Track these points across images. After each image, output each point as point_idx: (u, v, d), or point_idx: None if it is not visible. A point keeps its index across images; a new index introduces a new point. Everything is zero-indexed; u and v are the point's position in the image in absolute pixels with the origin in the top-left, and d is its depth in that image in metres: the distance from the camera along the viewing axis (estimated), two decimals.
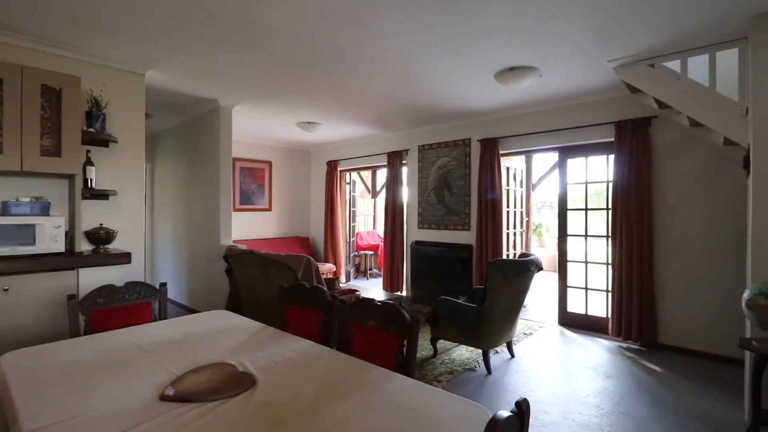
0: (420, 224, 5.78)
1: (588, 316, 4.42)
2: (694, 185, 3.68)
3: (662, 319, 3.81)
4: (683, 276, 3.71)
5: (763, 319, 2.14)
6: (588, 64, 3.39)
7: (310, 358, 1.63)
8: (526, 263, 3.16)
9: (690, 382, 3.09)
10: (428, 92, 4.15)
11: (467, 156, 5.25)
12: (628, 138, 3.92)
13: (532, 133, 4.71)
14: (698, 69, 3.12)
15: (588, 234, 4.49)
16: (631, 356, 3.66)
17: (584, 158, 4.51)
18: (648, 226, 3.82)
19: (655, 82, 3.22)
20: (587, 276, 4.48)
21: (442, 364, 3.40)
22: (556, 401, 2.80)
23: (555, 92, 4.15)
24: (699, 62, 3.11)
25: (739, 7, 2.48)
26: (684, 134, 3.70)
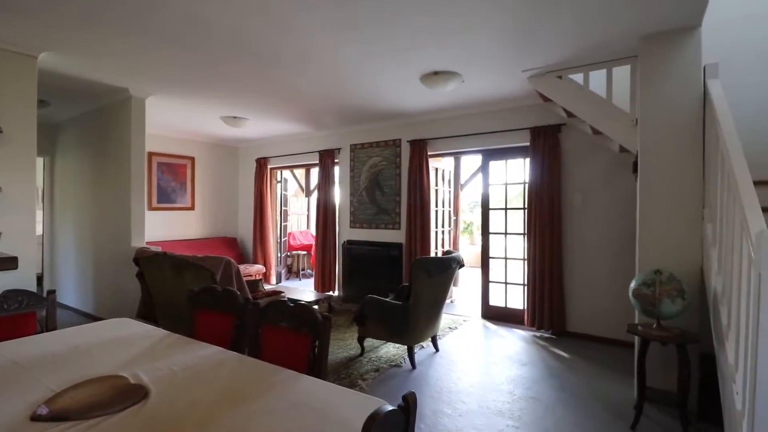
0: (352, 223, 5.77)
1: (507, 308, 4.70)
2: (597, 188, 4.07)
3: (570, 310, 4.17)
4: (587, 270, 4.09)
5: (646, 306, 2.41)
6: (505, 73, 3.60)
7: (214, 364, 1.54)
8: (448, 260, 3.28)
9: (592, 366, 3.41)
10: (357, 91, 4.15)
11: (398, 156, 5.34)
12: (541, 143, 4.24)
13: (458, 135, 4.91)
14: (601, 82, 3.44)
15: (508, 232, 4.78)
16: (543, 344, 3.96)
17: (504, 161, 4.80)
18: (558, 225, 4.15)
19: (562, 92, 3.51)
20: (507, 271, 4.77)
21: (368, 362, 3.41)
22: (474, 390, 2.94)
23: (478, 98, 4.36)
24: (600, 76, 3.44)
25: (629, 28, 2.78)
26: (588, 141, 4.07)
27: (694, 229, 2.68)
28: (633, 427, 2.43)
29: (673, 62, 2.78)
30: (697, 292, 2.62)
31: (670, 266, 2.66)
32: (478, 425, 2.47)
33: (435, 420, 2.52)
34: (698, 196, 2.69)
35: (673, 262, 2.70)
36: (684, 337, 2.34)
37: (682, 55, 2.76)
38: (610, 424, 2.49)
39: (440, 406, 2.71)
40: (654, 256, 2.78)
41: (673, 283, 2.35)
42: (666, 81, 2.80)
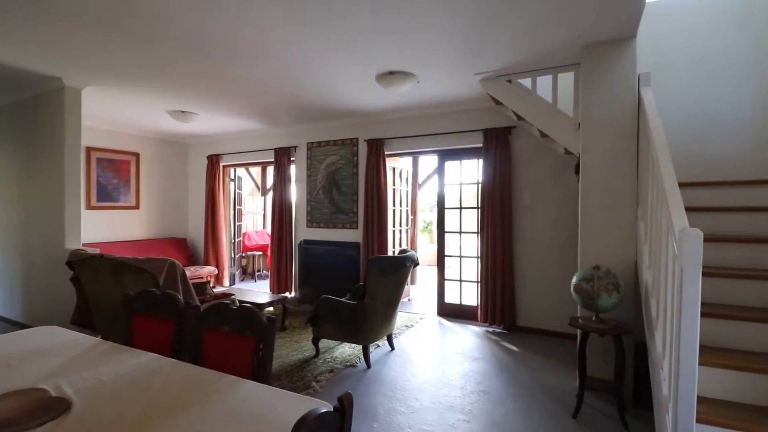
0: (309, 223, 5.68)
1: (462, 305, 4.82)
2: (544, 188, 4.26)
3: (520, 305, 4.34)
4: (536, 266, 4.27)
5: (586, 300, 2.55)
6: (459, 75, 3.68)
7: (148, 372, 1.44)
8: (402, 259, 3.30)
9: (540, 358, 3.56)
10: (313, 89, 4.08)
11: (355, 155, 5.31)
12: (493, 144, 4.37)
13: (415, 135, 4.96)
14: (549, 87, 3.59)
15: (462, 231, 4.89)
16: (495, 339, 4.09)
17: (459, 161, 4.91)
18: (508, 224, 4.30)
19: (511, 96, 3.64)
20: (461, 269, 4.88)
21: (323, 363, 3.37)
22: (427, 387, 2.97)
23: (433, 99, 4.42)
24: (547, 81, 3.59)
25: (572, 37, 2.92)
26: (536, 143, 4.25)
27: (628, 227, 2.87)
28: (575, 416, 2.56)
29: (611, 70, 2.95)
30: (632, 286, 2.80)
31: (608, 262, 2.83)
32: (430, 421, 2.50)
33: (388, 418, 2.53)
34: (633, 196, 2.88)
35: (610, 258, 2.87)
36: (619, 328, 2.49)
37: (619, 64, 2.94)
38: (554, 413, 2.61)
39: (394, 404, 2.72)
40: (593, 252, 2.95)
41: (609, 278, 2.50)
42: (605, 88, 2.97)
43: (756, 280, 2.29)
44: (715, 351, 2.09)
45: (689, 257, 1.55)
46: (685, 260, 1.57)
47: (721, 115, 3.55)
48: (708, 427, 1.81)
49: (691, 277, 1.56)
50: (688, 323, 1.57)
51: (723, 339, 2.15)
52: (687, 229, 1.61)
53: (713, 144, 3.56)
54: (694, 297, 1.56)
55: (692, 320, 1.57)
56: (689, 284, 1.56)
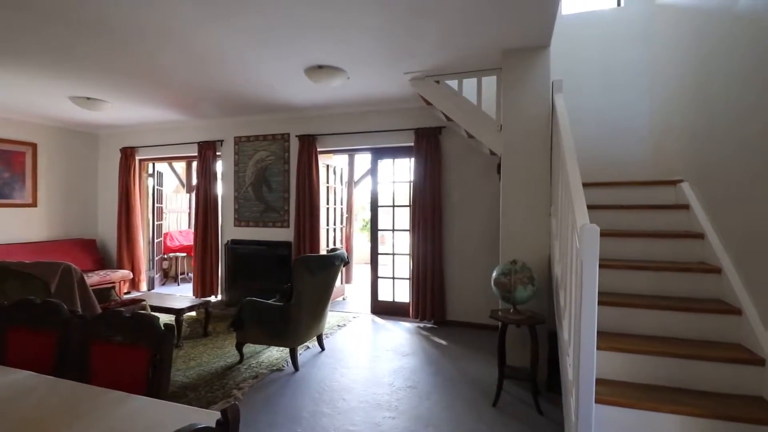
0: (237, 222, 5.39)
1: (395, 302, 4.86)
2: (472, 187, 4.42)
3: (449, 300, 4.47)
4: (464, 262, 4.42)
5: (504, 293, 2.67)
6: (389, 74, 3.68)
7: (19, 392, 1.25)
8: (331, 258, 3.23)
9: (466, 350, 3.68)
10: (238, 80, 3.87)
11: (286, 151, 5.14)
12: (424, 144, 4.45)
13: (349, 133, 4.91)
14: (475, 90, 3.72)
15: (395, 229, 4.94)
16: (426, 334, 4.17)
17: (392, 160, 4.95)
18: (438, 222, 4.41)
19: (439, 96, 3.72)
20: (394, 267, 4.92)
21: (247, 369, 3.20)
22: (356, 386, 2.94)
23: (366, 96, 4.40)
24: (474, 84, 3.72)
25: (492, 42, 3.04)
26: (464, 144, 4.40)
27: (543, 223, 3.06)
28: (494, 404, 2.68)
29: (528, 76, 3.13)
30: (546, 279, 3.00)
31: (525, 256, 3.00)
32: (356, 421, 2.47)
33: (313, 422, 2.46)
34: (547, 195, 3.07)
35: (527, 252, 3.04)
36: (534, 319, 2.64)
37: (535, 71, 3.12)
38: (475, 403, 2.71)
39: (320, 406, 2.65)
40: (513, 247, 3.10)
41: (525, 271, 2.64)
42: (522, 93, 3.14)
43: (649, 270, 2.55)
44: (613, 336, 2.29)
45: (587, 250, 1.66)
46: (584, 253, 1.68)
47: (625, 121, 3.93)
48: (606, 407, 1.97)
49: (589, 268, 1.67)
50: (587, 311, 1.69)
51: (621, 325, 2.36)
52: (586, 224, 1.72)
53: (619, 148, 3.93)
54: (592, 287, 1.68)
55: (591, 308, 1.68)
56: (588, 275, 1.67)
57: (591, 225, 1.71)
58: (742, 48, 2.30)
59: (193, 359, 3.39)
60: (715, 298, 2.41)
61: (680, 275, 2.49)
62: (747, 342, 2.11)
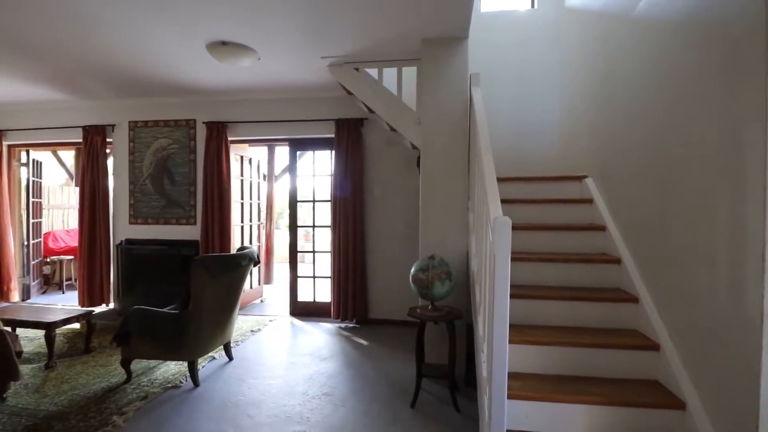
0: (133, 219, 4.74)
1: (316, 303, 4.61)
2: (394, 181, 4.32)
3: (372, 298, 4.33)
4: (386, 259, 4.31)
5: (422, 290, 2.57)
6: (304, 57, 3.42)
7: None
8: (236, 257, 2.90)
9: (387, 349, 3.56)
10: (123, 52, 3.33)
11: (192, 139, 4.62)
12: (345, 136, 4.25)
13: (264, 121, 4.54)
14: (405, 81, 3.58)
15: (316, 225, 4.68)
16: (347, 335, 3.99)
17: (312, 152, 4.68)
18: (360, 217, 4.25)
19: (359, 85, 3.54)
20: (315, 265, 4.67)
21: (136, 389, 2.76)
22: (265, 398, 2.66)
23: (283, 82, 4.08)
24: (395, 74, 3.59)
25: (412, 30, 2.93)
26: (387, 137, 4.28)
27: (462, 218, 3.03)
28: (413, 404, 2.57)
29: (447, 68, 3.07)
30: (464, 273, 2.97)
31: (444, 251, 2.94)
32: None
33: None
34: (466, 189, 3.04)
35: (446, 247, 2.99)
36: (451, 315, 2.58)
37: (453, 63, 3.06)
38: (394, 404, 2.58)
39: (221, 425, 2.34)
40: (432, 242, 3.03)
41: (443, 266, 2.56)
42: (441, 85, 3.07)
43: (557, 262, 2.61)
44: (526, 329, 2.29)
45: (500, 243, 1.59)
46: (497, 246, 1.60)
47: (537, 118, 4.08)
48: (519, 402, 1.94)
49: (501, 261, 1.60)
50: (500, 306, 1.62)
51: (532, 317, 2.38)
52: (499, 217, 1.65)
53: (532, 144, 4.07)
54: (504, 280, 1.61)
55: (503, 303, 1.62)
56: (500, 268, 1.60)
57: (503, 217, 1.65)
58: (640, 51, 2.43)
59: (66, 381, 2.85)
60: (615, 287, 2.53)
61: (585, 266, 2.58)
62: (643, 328, 2.22)
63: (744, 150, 1.57)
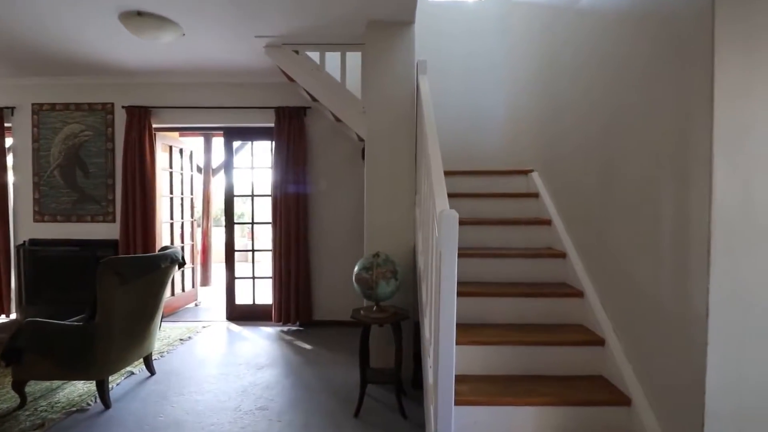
0: (38, 216, 4.12)
1: (256, 305, 4.28)
2: (340, 175, 4.09)
3: (317, 298, 4.09)
4: (332, 256, 4.08)
5: (366, 290, 2.39)
6: (236, 35, 3.10)
7: None
8: (152, 259, 2.54)
9: (332, 353, 3.34)
10: (19, 22, 2.82)
11: (109, 126, 4.09)
12: (286, 125, 3.95)
13: (195, 107, 4.12)
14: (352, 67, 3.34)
15: (255, 221, 4.34)
16: (289, 339, 3.72)
17: (250, 142, 4.33)
18: (304, 212, 3.98)
19: (299, 69, 3.28)
20: (254, 264, 4.34)
21: (31, 415, 2.33)
22: (188, 418, 2.35)
23: (215, 63, 3.71)
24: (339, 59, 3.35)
25: (355, 11, 2.72)
26: (331, 127, 4.04)
27: (408, 213, 2.87)
28: (357, 413, 2.38)
29: (392, 53, 2.89)
30: (411, 271, 2.82)
31: (390, 248, 2.77)
32: None
33: None
34: (413, 183, 2.89)
35: (392, 244, 2.82)
36: (398, 316, 2.42)
37: (399, 48, 2.90)
38: (336, 415, 2.38)
39: None
40: (377, 239, 2.86)
41: (388, 264, 2.39)
42: (386, 71, 2.89)
43: (505, 258, 2.53)
44: (474, 328, 2.18)
45: (446, 238, 1.45)
46: (443, 241, 1.46)
47: (486, 112, 4.03)
48: (467, 407, 1.82)
49: (448, 257, 1.46)
50: (446, 307, 1.48)
51: (480, 315, 2.27)
52: (445, 210, 1.51)
53: (481, 137, 4.01)
54: (451, 279, 1.47)
55: (449, 303, 1.48)
56: (447, 265, 1.46)
57: (450, 210, 1.50)
58: (585, 42, 2.39)
59: None
60: (562, 281, 2.50)
61: (532, 261, 2.52)
62: (589, 323, 2.19)
63: (689, 139, 1.54)
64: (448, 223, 1.47)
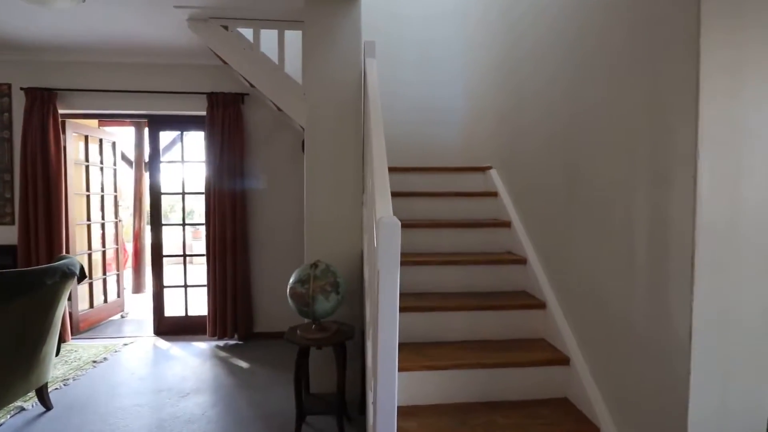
0: None
1: (189, 317, 3.80)
2: (284, 170, 3.68)
3: (258, 308, 3.67)
4: (276, 261, 3.66)
5: (302, 307, 2.04)
6: (151, 5, 2.61)
7: None
8: (35, 275, 2.04)
9: (273, 372, 2.96)
10: None
11: (5, 111, 3.45)
12: (220, 114, 3.49)
13: (111, 90, 3.56)
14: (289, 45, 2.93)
15: (186, 223, 3.85)
16: (225, 356, 3.30)
17: (180, 132, 3.83)
18: (242, 212, 3.55)
19: (228, 47, 2.85)
20: (186, 271, 3.85)
21: None
22: None
23: (136, 41, 3.20)
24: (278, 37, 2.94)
25: None
26: (273, 116, 3.62)
27: (355, 212, 2.54)
28: None
29: (337, 33, 2.54)
30: (358, 279, 2.50)
31: (334, 253, 2.44)
32: None
33: None
34: (360, 179, 2.56)
35: (337, 248, 2.48)
36: (340, 335, 2.09)
37: (344, 27, 2.54)
38: None
39: None
40: (319, 242, 2.51)
41: (327, 276, 2.05)
42: (330, 53, 2.54)
43: (460, 264, 2.26)
44: (425, 348, 1.89)
45: (385, 251, 1.15)
46: (382, 255, 1.16)
47: (443, 103, 3.75)
48: None
49: (387, 278, 1.15)
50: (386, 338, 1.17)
51: (432, 332, 1.99)
52: (385, 217, 1.20)
53: (438, 131, 3.73)
54: (392, 303, 1.17)
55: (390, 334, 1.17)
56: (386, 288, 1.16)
57: (391, 218, 1.20)
58: (547, 26, 2.15)
59: None
60: (522, 289, 2.27)
61: (490, 268, 2.27)
62: (552, 337, 1.96)
63: (669, 136, 1.31)
64: (388, 233, 1.16)
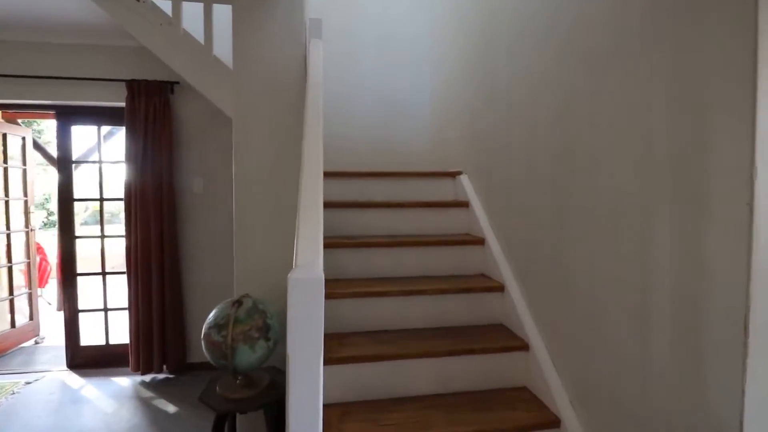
0: None
1: (110, 347, 3.21)
2: (222, 172, 3.13)
3: (192, 333, 3.12)
4: (214, 277, 3.11)
5: (219, 360, 1.56)
6: None
7: None
8: None
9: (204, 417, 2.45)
10: None
11: None
12: (143, 105, 2.92)
13: (10, 75, 2.90)
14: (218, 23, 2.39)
15: (105, 234, 3.24)
16: (149, 396, 2.75)
17: (96, 127, 3.21)
18: (171, 221, 2.99)
19: (138, 22, 2.27)
20: (106, 291, 3.25)
21: None
22: None
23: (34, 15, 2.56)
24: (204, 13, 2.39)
25: None
26: (210, 109, 3.04)
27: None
28: None
29: (274, 8, 2.05)
30: None
31: (270, 282, 1.97)
32: None
33: None
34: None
35: (274, 276, 2.01)
36: (273, 392, 1.63)
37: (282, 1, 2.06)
38: None
39: None
40: (252, 270, 2.03)
41: (253, 318, 1.59)
42: (265, 31, 2.05)
43: (427, 295, 1.83)
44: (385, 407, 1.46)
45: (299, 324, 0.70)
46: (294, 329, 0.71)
47: (407, 98, 3.33)
48: None
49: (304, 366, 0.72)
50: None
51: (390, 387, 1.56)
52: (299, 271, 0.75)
53: (401, 130, 3.32)
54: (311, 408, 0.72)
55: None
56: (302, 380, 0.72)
57: (310, 272, 0.75)
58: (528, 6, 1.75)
59: None
60: (498, 322, 1.88)
61: (462, 297, 1.86)
62: (538, 388, 1.57)
63: (705, 138, 0.93)
64: (303, 299, 0.72)
